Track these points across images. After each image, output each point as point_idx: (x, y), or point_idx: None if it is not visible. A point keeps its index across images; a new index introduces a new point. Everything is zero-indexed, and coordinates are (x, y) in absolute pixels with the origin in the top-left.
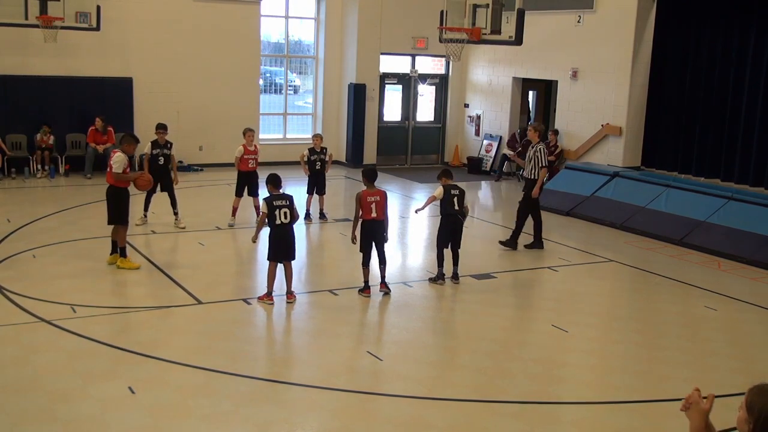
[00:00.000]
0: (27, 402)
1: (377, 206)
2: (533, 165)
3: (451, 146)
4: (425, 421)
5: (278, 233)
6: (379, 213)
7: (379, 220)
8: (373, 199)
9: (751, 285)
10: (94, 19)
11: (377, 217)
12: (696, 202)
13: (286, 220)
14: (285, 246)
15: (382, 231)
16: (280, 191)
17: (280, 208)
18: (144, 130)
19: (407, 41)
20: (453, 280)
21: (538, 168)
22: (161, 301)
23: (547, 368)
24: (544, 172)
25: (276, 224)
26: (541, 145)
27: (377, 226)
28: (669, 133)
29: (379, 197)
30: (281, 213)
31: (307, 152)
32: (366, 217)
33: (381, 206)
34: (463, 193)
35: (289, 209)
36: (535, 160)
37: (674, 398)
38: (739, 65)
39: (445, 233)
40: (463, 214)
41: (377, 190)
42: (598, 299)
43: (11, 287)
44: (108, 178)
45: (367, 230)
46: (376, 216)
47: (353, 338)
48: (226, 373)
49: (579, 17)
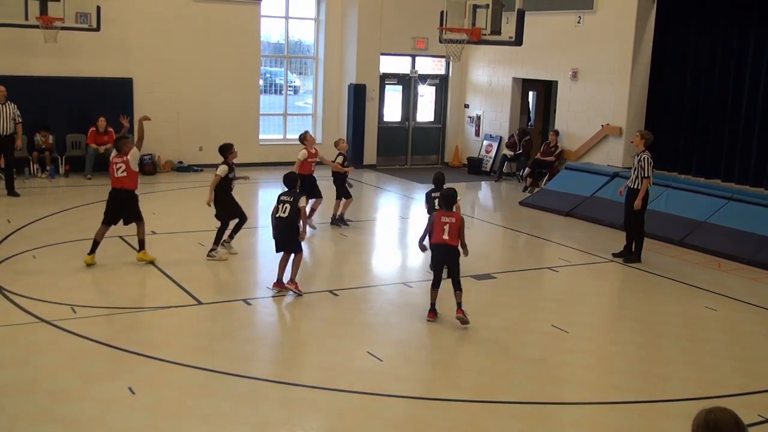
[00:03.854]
0: (27, 402)
1: (451, 228)
2: (637, 175)
3: (451, 147)
4: (425, 421)
5: (275, 226)
6: (452, 237)
7: (452, 245)
8: (448, 220)
9: (751, 285)
10: (94, 19)
11: (449, 241)
12: (696, 203)
13: (285, 215)
14: (279, 238)
15: (454, 256)
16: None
17: (283, 203)
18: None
19: (407, 42)
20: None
21: (641, 178)
22: (161, 302)
23: (547, 368)
24: (647, 183)
25: (276, 217)
26: (646, 154)
27: (449, 250)
28: (669, 134)
29: (455, 220)
30: (282, 207)
31: (340, 158)
32: (437, 239)
33: (455, 230)
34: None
35: (291, 205)
36: (639, 170)
37: (674, 398)
38: (739, 65)
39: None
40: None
41: (454, 213)
42: (598, 299)
43: (11, 287)
44: (124, 182)
45: (438, 254)
46: (448, 239)
47: (353, 339)
48: (226, 373)
49: (579, 18)
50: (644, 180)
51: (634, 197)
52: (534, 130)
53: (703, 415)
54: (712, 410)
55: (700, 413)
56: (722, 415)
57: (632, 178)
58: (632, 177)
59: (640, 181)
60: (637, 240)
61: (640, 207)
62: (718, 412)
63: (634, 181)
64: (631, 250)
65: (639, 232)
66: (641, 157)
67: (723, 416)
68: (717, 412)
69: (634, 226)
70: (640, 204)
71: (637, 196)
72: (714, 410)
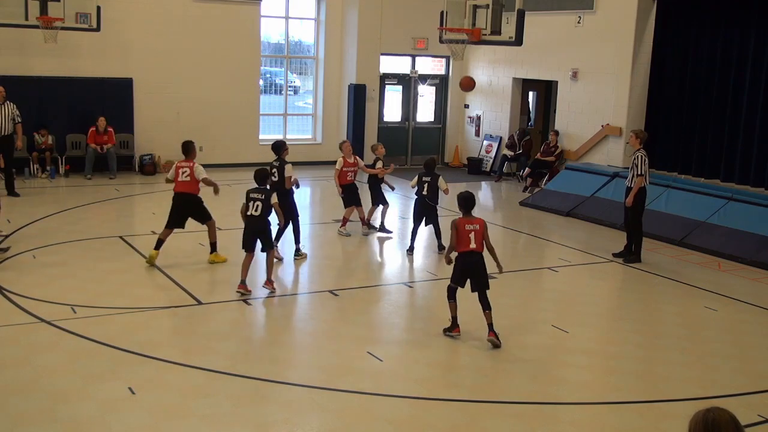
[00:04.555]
0: (27, 402)
1: (476, 236)
2: (634, 173)
3: (451, 147)
4: (425, 421)
5: (248, 225)
6: (478, 244)
7: (477, 252)
8: (472, 227)
9: (752, 285)
10: (94, 19)
11: (476, 248)
12: (696, 203)
13: (257, 213)
14: (251, 237)
15: (481, 266)
16: (261, 186)
17: (254, 200)
18: (144, 131)
19: (407, 42)
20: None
21: (636, 176)
22: (161, 302)
23: (547, 368)
24: (640, 180)
25: (247, 215)
26: (642, 152)
27: (476, 259)
28: (669, 134)
29: (479, 226)
30: (254, 205)
31: (380, 163)
32: (463, 248)
33: (480, 236)
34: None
35: (262, 203)
36: (634, 168)
37: (674, 398)
38: (739, 65)
39: (417, 214)
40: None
41: (476, 219)
42: (598, 299)
43: (11, 288)
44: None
45: (464, 263)
46: (475, 247)
47: (353, 339)
48: (226, 373)
49: (579, 18)
50: (638, 177)
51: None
52: (534, 131)
53: (701, 414)
54: (711, 409)
55: (698, 413)
56: (720, 414)
57: (629, 177)
58: (629, 176)
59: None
60: (635, 239)
61: (631, 204)
62: (716, 412)
63: (631, 179)
64: (631, 250)
65: (637, 231)
66: (636, 156)
67: (721, 415)
68: (715, 411)
69: (631, 225)
70: (631, 201)
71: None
72: (712, 409)
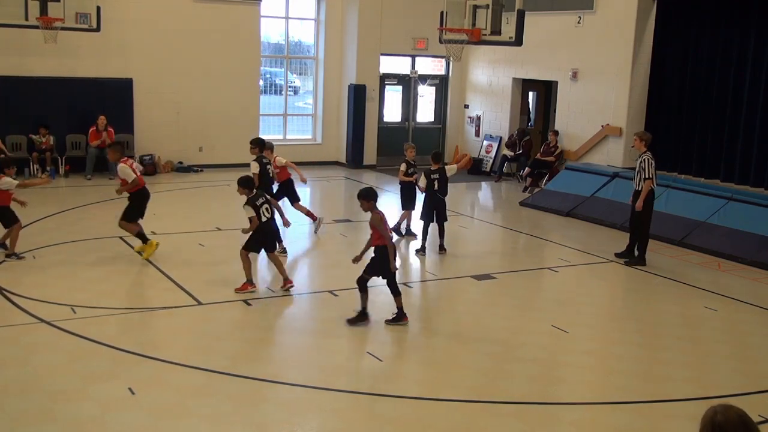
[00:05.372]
0: (27, 402)
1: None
2: (641, 177)
3: (452, 147)
4: (425, 421)
5: (267, 229)
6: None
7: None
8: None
9: (752, 285)
10: (94, 19)
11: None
12: (696, 203)
13: (269, 215)
14: (273, 238)
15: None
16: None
17: (263, 204)
18: (144, 131)
19: (407, 42)
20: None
21: (643, 179)
22: (161, 302)
23: (547, 368)
24: (648, 184)
25: (264, 221)
26: (647, 155)
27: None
28: (669, 134)
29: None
30: (265, 209)
31: (404, 166)
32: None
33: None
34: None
35: (269, 203)
36: (641, 172)
37: (674, 399)
38: (739, 65)
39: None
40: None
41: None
42: (598, 299)
43: (11, 288)
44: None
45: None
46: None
47: (353, 339)
48: (226, 373)
49: (579, 18)
50: (646, 181)
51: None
52: (534, 131)
53: (709, 416)
54: (718, 411)
55: (708, 412)
56: (728, 417)
57: (636, 180)
58: (636, 179)
59: (643, 183)
60: (641, 242)
61: (641, 208)
62: (724, 413)
63: (639, 183)
64: (632, 250)
65: (644, 234)
66: (642, 159)
67: (729, 417)
68: (723, 413)
69: (639, 229)
70: (641, 205)
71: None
72: (719, 411)
